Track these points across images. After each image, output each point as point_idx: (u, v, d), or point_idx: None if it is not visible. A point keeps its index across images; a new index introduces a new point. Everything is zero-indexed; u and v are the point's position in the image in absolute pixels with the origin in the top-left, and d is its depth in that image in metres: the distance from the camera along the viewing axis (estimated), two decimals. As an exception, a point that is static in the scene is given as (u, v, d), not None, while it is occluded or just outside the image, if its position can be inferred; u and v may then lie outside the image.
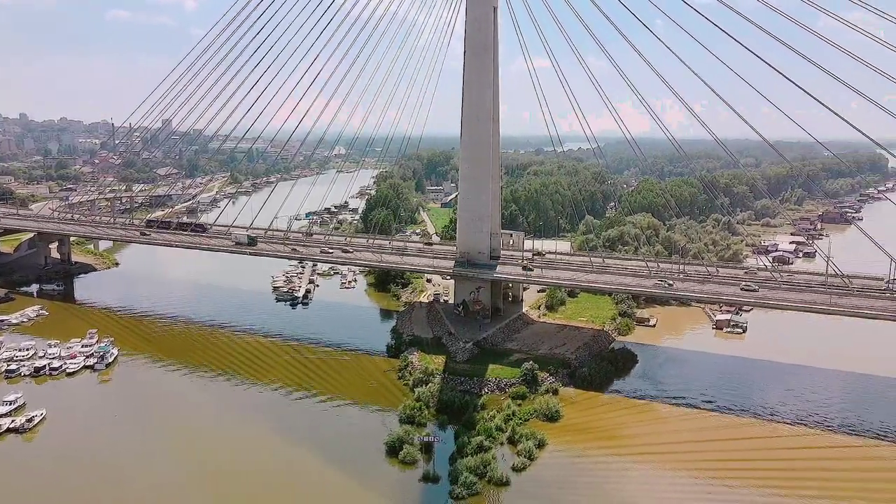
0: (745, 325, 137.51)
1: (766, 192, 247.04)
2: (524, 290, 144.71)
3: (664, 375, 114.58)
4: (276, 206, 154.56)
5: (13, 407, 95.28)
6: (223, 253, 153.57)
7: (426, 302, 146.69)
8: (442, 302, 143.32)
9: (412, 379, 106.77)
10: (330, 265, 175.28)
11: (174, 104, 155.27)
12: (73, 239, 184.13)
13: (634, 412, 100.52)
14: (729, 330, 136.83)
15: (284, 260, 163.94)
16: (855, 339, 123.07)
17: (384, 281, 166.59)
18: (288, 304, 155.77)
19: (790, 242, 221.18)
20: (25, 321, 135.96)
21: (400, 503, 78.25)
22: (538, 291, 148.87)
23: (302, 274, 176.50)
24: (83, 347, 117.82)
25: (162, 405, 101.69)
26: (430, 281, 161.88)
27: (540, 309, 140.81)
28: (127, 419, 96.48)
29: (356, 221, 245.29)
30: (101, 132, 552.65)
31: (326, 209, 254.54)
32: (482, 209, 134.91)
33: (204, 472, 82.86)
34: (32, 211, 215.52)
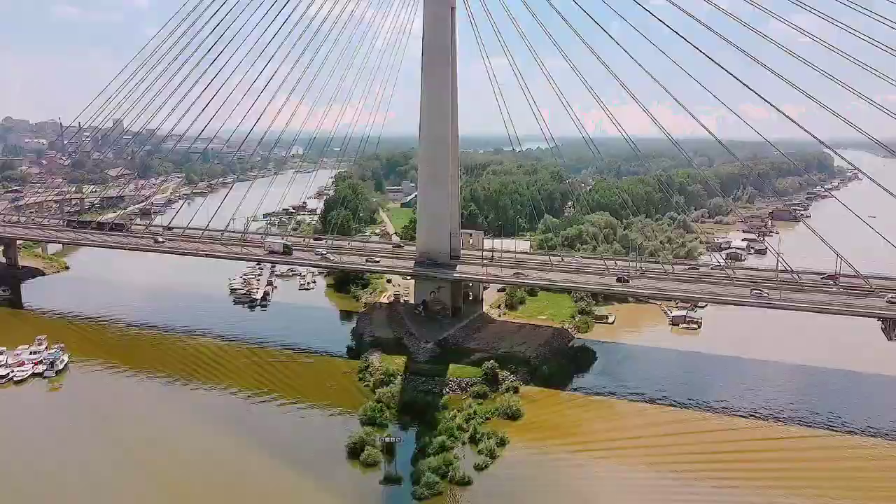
0: (700, 320, 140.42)
1: (718, 190, 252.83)
2: (484, 289, 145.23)
3: (623, 372, 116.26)
4: (232, 207, 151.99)
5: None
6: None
7: (386, 302, 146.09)
8: (402, 302, 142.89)
9: (373, 380, 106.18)
10: (288, 266, 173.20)
11: (126, 103, 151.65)
12: (19, 243, 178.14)
13: (594, 409, 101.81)
14: (685, 326, 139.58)
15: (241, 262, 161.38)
16: (805, 332, 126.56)
17: (344, 282, 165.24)
18: (246, 306, 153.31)
19: (742, 239, 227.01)
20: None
21: (362, 505, 77.74)
22: (498, 290, 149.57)
23: (260, 275, 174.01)
24: (32, 354, 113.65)
25: (115, 411, 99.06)
26: (390, 281, 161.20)
27: (500, 308, 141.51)
28: (78, 426, 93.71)
29: (315, 222, 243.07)
30: (48, 132, 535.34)
31: (284, 210, 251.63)
32: (442, 209, 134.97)
33: (158, 479, 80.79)
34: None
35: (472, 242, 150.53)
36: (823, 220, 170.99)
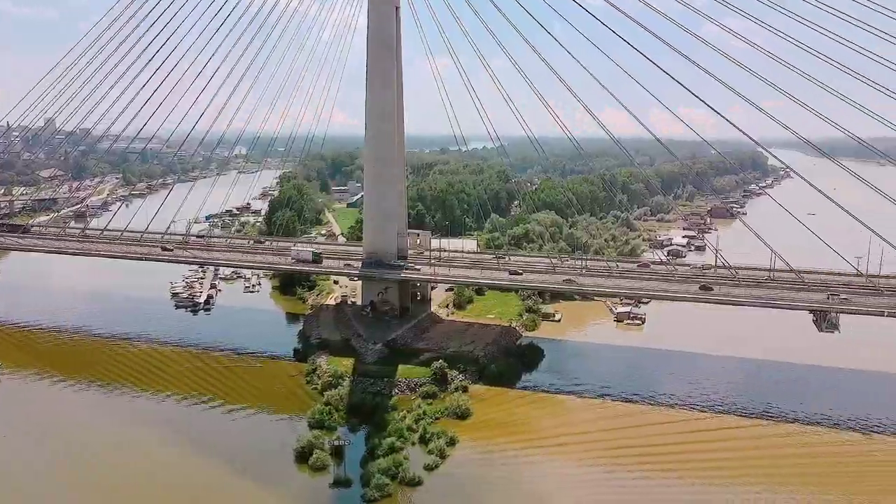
0: (643, 316, 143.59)
1: (659, 188, 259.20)
2: (432, 289, 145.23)
3: (570, 368, 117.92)
4: (173, 208, 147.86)
5: None
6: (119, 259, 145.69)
7: (333, 304, 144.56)
8: (350, 303, 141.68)
9: (321, 383, 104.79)
10: (233, 269, 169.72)
11: (58, 102, 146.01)
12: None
13: (543, 405, 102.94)
14: (629, 322, 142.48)
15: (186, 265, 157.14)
16: (743, 326, 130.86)
17: (289, 284, 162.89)
18: (189, 310, 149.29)
19: (683, 237, 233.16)
20: None
21: (311, 510, 76.74)
22: (446, 290, 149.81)
23: (203, 279, 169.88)
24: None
25: (50, 423, 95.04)
26: (336, 282, 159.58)
27: (448, 308, 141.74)
28: (11, 438, 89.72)
29: (259, 223, 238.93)
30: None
31: (227, 211, 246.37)
32: (389, 209, 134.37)
33: (98, 489, 78.03)
34: None
35: (419, 242, 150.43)
36: (758, 217, 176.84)
